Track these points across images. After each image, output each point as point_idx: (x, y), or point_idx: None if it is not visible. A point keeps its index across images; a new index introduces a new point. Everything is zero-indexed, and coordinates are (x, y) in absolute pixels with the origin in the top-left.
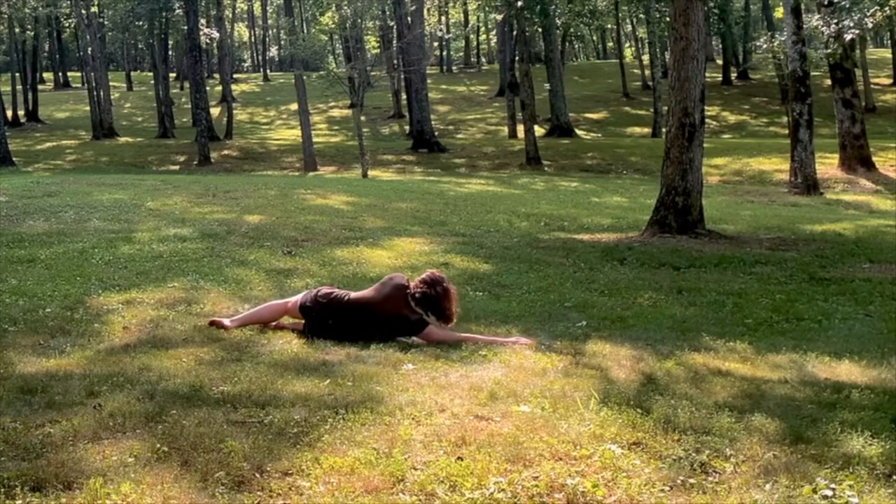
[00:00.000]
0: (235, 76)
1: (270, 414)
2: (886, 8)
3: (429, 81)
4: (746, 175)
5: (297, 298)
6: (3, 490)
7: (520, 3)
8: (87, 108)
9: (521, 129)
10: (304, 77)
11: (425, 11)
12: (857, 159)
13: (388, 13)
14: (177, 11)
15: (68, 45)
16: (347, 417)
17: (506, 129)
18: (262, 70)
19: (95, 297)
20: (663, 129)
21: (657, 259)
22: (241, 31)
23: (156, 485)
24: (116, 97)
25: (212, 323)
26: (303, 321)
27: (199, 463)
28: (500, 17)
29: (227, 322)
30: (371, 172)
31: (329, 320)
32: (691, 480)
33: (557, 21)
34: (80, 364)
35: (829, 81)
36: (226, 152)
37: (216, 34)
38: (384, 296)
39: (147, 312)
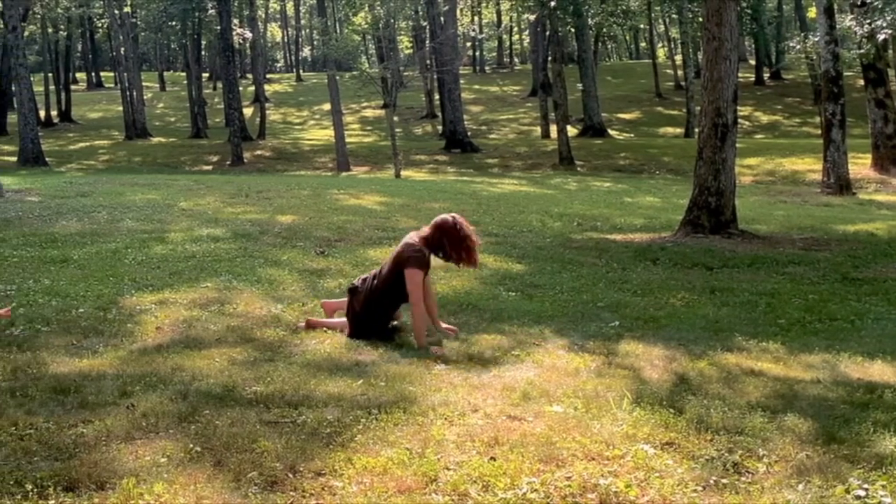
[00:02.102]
0: (268, 76)
1: (303, 414)
2: None
3: (461, 81)
4: (779, 175)
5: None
6: (36, 490)
7: (553, 4)
8: (120, 108)
9: (553, 129)
10: (337, 77)
11: (458, 11)
12: (890, 159)
13: (420, 13)
14: (210, 11)
15: (101, 45)
16: (380, 417)
17: (538, 129)
18: (294, 70)
19: (128, 297)
20: (696, 130)
21: (690, 259)
22: (274, 31)
23: (189, 485)
24: (149, 97)
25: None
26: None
27: (232, 463)
28: (532, 18)
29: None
30: (404, 172)
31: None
32: (724, 480)
33: (590, 21)
34: (112, 364)
35: (861, 82)
36: (259, 152)
37: (249, 34)
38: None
39: (180, 312)
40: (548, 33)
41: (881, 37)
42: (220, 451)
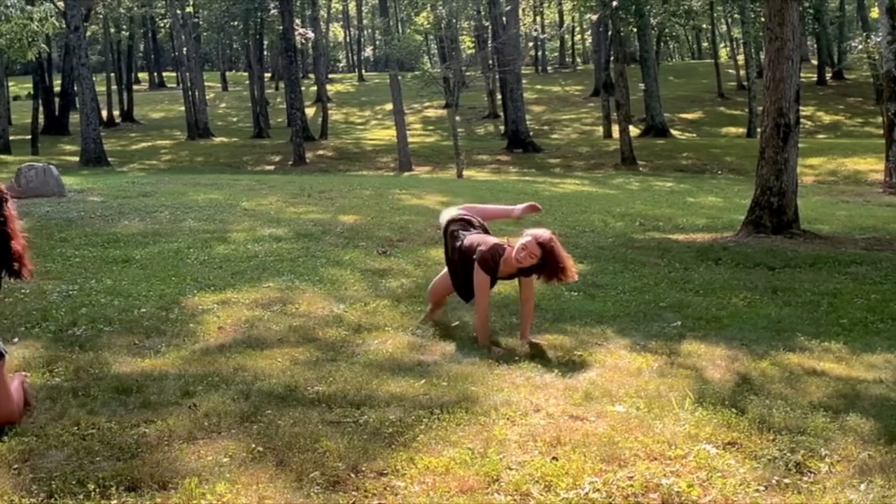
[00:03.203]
0: (330, 76)
1: (365, 414)
2: None
3: (524, 81)
4: (841, 175)
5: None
6: (98, 490)
7: (615, 3)
8: (182, 108)
9: (616, 129)
10: (399, 77)
11: (520, 11)
12: None
13: (483, 13)
14: (272, 11)
15: (163, 45)
16: (442, 417)
17: (601, 129)
18: (356, 70)
19: (190, 297)
20: (758, 130)
21: (752, 259)
22: (336, 31)
23: (251, 485)
24: (211, 97)
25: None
26: None
27: (295, 463)
28: (595, 17)
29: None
30: (466, 172)
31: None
32: (786, 480)
33: (652, 21)
34: (175, 364)
35: None
36: (321, 152)
37: (311, 34)
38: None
39: (242, 312)
40: (610, 33)
41: None
42: (282, 451)
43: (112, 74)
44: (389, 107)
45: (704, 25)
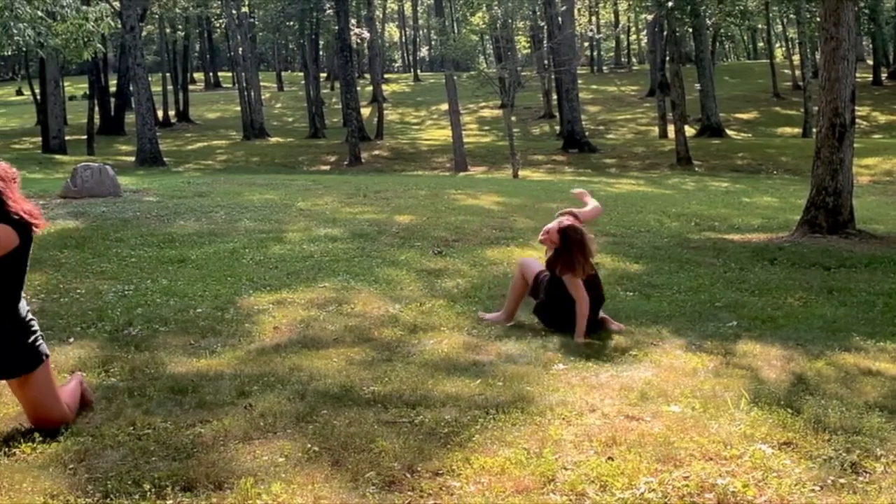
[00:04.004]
0: (386, 76)
1: (421, 414)
2: None
3: (579, 81)
4: None
5: (534, 270)
6: (154, 490)
7: (670, 4)
8: (238, 108)
9: (671, 129)
10: (455, 77)
11: (576, 11)
12: None
13: (538, 13)
14: (327, 11)
15: (219, 45)
16: (498, 417)
17: (656, 129)
18: (412, 70)
19: (246, 297)
20: (814, 130)
21: (808, 259)
22: (392, 31)
23: (306, 485)
24: (267, 97)
25: (484, 319)
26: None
27: (350, 463)
28: (650, 17)
29: (488, 316)
30: (521, 172)
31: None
32: (842, 480)
33: (708, 21)
34: (230, 364)
35: None
36: (376, 152)
37: (367, 34)
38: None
39: (297, 312)
40: (665, 33)
41: None
42: (337, 451)
43: (168, 74)
44: (445, 107)
45: (760, 25)
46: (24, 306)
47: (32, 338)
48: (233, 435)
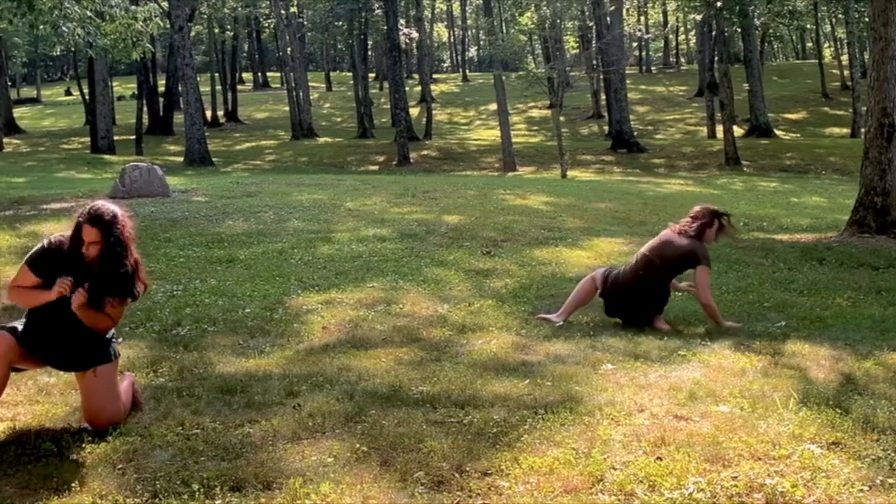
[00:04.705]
0: (435, 76)
1: (470, 414)
2: None
3: (628, 82)
4: None
5: (599, 273)
6: (203, 490)
7: (719, 4)
8: (287, 108)
9: (720, 129)
10: (504, 77)
11: (624, 11)
12: None
13: (587, 13)
14: (376, 11)
15: (268, 45)
16: (547, 417)
17: (705, 129)
18: (461, 70)
19: (295, 297)
20: (862, 130)
21: (856, 259)
22: (441, 31)
23: (355, 485)
24: (316, 97)
25: (540, 317)
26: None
27: (399, 463)
28: (699, 18)
29: (553, 317)
30: (570, 173)
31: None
32: (890, 480)
33: (756, 21)
34: (279, 364)
35: None
36: (425, 152)
37: (415, 34)
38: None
39: (346, 312)
40: (714, 33)
41: None
42: (386, 451)
43: (216, 74)
44: (493, 107)
45: (808, 25)
46: None
47: (109, 334)
48: (281, 435)
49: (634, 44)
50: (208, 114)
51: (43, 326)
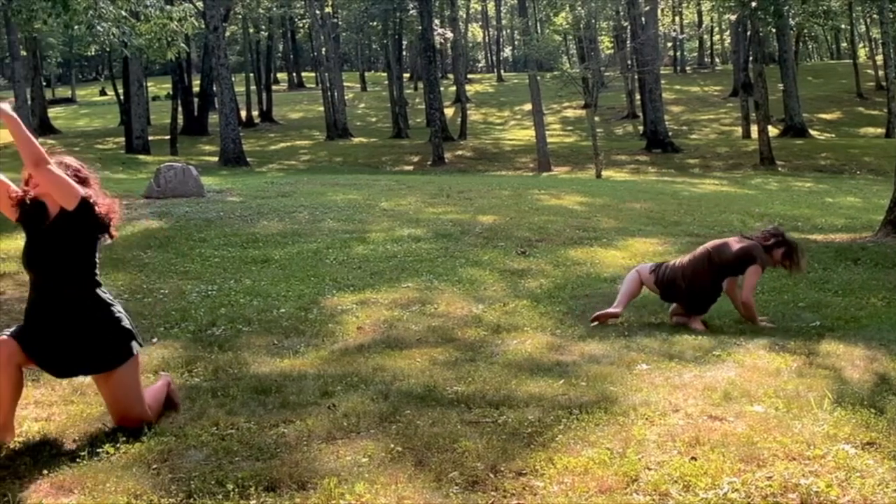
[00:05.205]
0: (469, 76)
1: (504, 414)
2: None
3: (662, 82)
4: None
5: (645, 267)
6: (237, 490)
7: (754, 4)
8: (321, 108)
9: (754, 129)
10: (538, 77)
11: (659, 12)
12: None
13: (621, 13)
14: (411, 12)
15: (302, 45)
16: (581, 417)
17: (739, 129)
18: (495, 70)
19: (329, 297)
20: None
21: (891, 259)
22: (475, 31)
23: (390, 485)
24: (350, 97)
25: (596, 318)
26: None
27: (433, 463)
28: (734, 18)
29: (611, 309)
30: (605, 172)
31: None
32: None
33: (791, 21)
34: (314, 364)
35: None
36: (459, 152)
37: (450, 34)
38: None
39: (381, 312)
40: (749, 33)
41: None
42: (421, 451)
43: (251, 75)
44: (528, 107)
45: (843, 26)
46: (108, 298)
47: (122, 334)
48: (316, 435)
49: (669, 44)
50: (243, 114)
51: (43, 328)
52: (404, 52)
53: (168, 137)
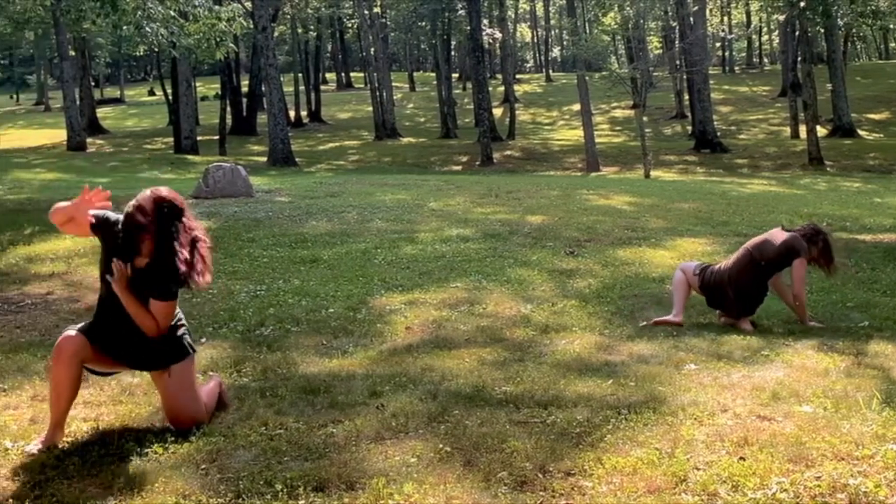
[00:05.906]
0: (518, 76)
1: (553, 414)
2: None
3: (711, 82)
4: None
5: (689, 267)
6: (286, 490)
7: (802, 4)
8: (370, 108)
9: (803, 129)
10: (587, 77)
11: (707, 12)
12: None
13: (670, 13)
14: (459, 12)
15: (351, 45)
16: (630, 418)
17: (788, 129)
18: (544, 70)
19: (378, 297)
20: None
21: None
22: (524, 31)
23: (438, 485)
24: (399, 97)
25: (656, 323)
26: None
27: (482, 463)
28: (782, 18)
29: (671, 318)
30: (653, 173)
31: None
32: None
33: (839, 21)
34: (362, 364)
35: None
36: (508, 152)
37: (499, 34)
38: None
39: (429, 313)
40: (797, 33)
41: None
42: (469, 451)
43: (300, 75)
44: (577, 107)
45: (892, 25)
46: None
47: (179, 331)
48: (365, 435)
49: (717, 44)
50: (291, 114)
51: (111, 324)
52: (453, 52)
53: (217, 137)
